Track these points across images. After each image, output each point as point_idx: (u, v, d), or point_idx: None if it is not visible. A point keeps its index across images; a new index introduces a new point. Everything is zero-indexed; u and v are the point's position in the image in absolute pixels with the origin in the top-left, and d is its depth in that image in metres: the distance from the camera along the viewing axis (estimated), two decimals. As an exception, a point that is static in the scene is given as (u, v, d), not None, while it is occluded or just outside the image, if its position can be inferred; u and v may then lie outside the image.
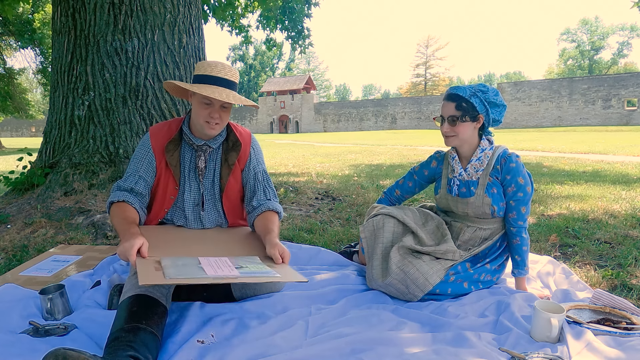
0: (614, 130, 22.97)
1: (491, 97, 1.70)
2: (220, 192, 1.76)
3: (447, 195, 1.86)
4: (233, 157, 1.74)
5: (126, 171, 1.70)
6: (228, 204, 1.78)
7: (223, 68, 1.59)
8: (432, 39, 60.01)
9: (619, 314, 1.51)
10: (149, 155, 1.69)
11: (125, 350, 1.17)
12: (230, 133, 1.77)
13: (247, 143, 1.79)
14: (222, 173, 1.74)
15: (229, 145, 1.75)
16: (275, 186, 4.41)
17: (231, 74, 1.60)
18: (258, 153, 1.84)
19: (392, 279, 1.71)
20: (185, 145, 1.72)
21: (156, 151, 1.69)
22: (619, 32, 53.08)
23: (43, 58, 19.95)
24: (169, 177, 1.70)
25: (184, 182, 1.72)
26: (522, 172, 1.74)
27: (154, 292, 1.37)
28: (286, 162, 9.00)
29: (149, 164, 1.68)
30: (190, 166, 1.73)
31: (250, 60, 65.84)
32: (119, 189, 1.65)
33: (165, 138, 1.70)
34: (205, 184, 1.74)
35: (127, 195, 1.63)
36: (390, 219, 1.87)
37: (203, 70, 1.59)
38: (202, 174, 1.73)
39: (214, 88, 1.54)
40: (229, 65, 1.62)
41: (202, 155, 1.72)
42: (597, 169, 6.07)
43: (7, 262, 2.36)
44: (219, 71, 1.57)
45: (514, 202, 1.75)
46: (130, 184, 1.65)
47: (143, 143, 1.71)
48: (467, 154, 1.81)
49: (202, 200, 1.74)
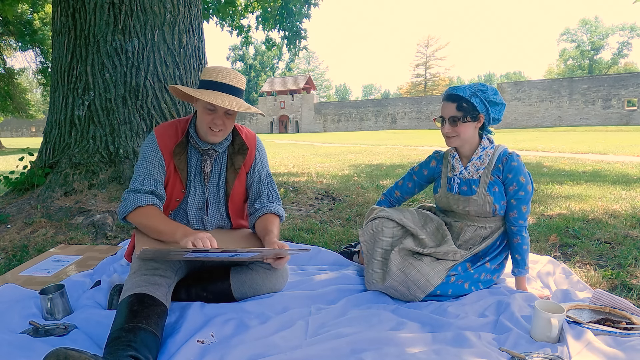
0: (614, 130, 22.97)
1: (491, 97, 1.70)
2: (225, 196, 1.75)
3: (447, 193, 1.86)
4: (239, 161, 1.73)
5: (137, 173, 1.63)
6: (233, 207, 1.78)
7: (229, 74, 1.57)
8: (432, 39, 60.06)
9: (619, 314, 1.51)
10: (159, 157, 1.65)
11: (126, 350, 1.17)
12: (236, 137, 1.75)
13: (252, 146, 1.78)
14: (227, 177, 1.73)
15: (234, 149, 1.74)
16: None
17: (237, 80, 1.58)
18: (263, 156, 1.83)
19: (393, 281, 1.71)
20: (191, 148, 1.71)
21: (165, 153, 1.66)
22: (619, 32, 53.09)
23: (43, 58, 19.94)
24: (177, 179, 1.68)
25: (189, 185, 1.71)
26: (523, 171, 1.74)
27: (155, 291, 1.37)
28: (286, 162, 9.00)
29: (160, 166, 1.65)
30: (196, 170, 1.71)
31: (250, 60, 65.87)
32: (139, 192, 1.59)
33: (173, 140, 1.67)
34: (210, 188, 1.73)
35: (155, 199, 1.59)
36: (390, 222, 1.87)
37: (209, 76, 1.57)
38: (208, 178, 1.72)
39: (218, 94, 1.52)
40: (235, 71, 1.60)
41: (208, 159, 1.71)
42: (597, 169, 6.07)
43: (7, 262, 2.36)
44: (224, 77, 1.56)
45: (515, 200, 1.75)
46: (150, 187, 1.60)
47: (150, 144, 1.66)
48: (467, 153, 1.81)
49: (206, 204, 1.74)
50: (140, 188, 1.59)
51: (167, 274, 1.46)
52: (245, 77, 1.67)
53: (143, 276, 1.41)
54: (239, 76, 1.60)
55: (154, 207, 1.58)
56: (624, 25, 52.53)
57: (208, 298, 1.67)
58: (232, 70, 1.59)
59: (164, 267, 1.47)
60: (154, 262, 1.47)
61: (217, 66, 1.60)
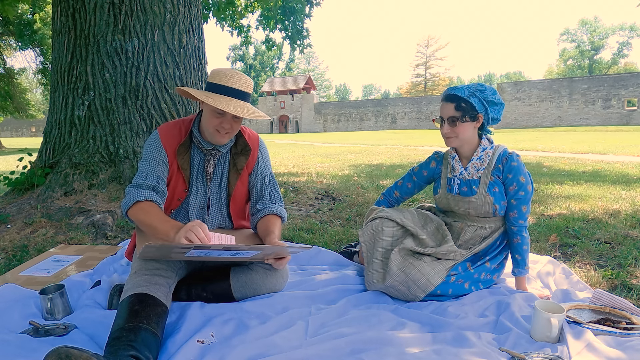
0: (614, 130, 22.97)
1: (489, 96, 1.70)
2: (227, 196, 1.75)
3: (447, 194, 1.86)
4: (242, 162, 1.73)
5: (141, 169, 1.63)
6: (235, 207, 1.78)
7: (239, 79, 1.56)
8: (432, 39, 60.04)
9: (619, 314, 1.51)
10: (162, 155, 1.65)
11: (127, 350, 1.17)
12: (239, 137, 1.74)
13: (255, 147, 1.78)
14: (230, 178, 1.73)
15: (237, 150, 1.74)
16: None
17: (246, 85, 1.57)
18: (266, 157, 1.83)
19: (394, 280, 1.71)
20: (194, 148, 1.71)
21: (168, 151, 1.66)
22: (619, 32, 53.07)
23: (43, 58, 19.94)
24: (179, 179, 1.68)
25: (191, 185, 1.71)
26: (523, 171, 1.74)
27: (155, 291, 1.38)
28: (286, 162, 9.00)
29: (164, 165, 1.65)
30: (199, 170, 1.71)
31: (250, 60, 65.87)
32: (140, 187, 1.57)
33: (177, 140, 1.67)
34: (213, 188, 1.73)
35: (154, 195, 1.58)
36: (390, 222, 1.87)
37: (219, 80, 1.55)
38: (210, 178, 1.72)
39: (228, 100, 1.51)
40: (244, 75, 1.60)
41: (211, 159, 1.71)
42: (597, 169, 6.07)
43: (7, 262, 2.36)
44: (234, 82, 1.54)
45: (515, 200, 1.75)
46: (152, 182, 1.59)
47: (153, 142, 1.66)
48: (467, 153, 1.81)
49: (207, 204, 1.74)
50: (143, 183, 1.58)
51: (167, 274, 1.46)
52: (252, 81, 1.66)
53: (144, 276, 1.41)
54: (248, 81, 1.59)
55: (152, 204, 1.56)
56: (623, 25, 52.54)
57: (208, 298, 1.67)
58: (242, 75, 1.58)
59: (165, 267, 1.47)
60: (155, 262, 1.47)
61: (227, 70, 1.58)
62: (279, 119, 47.59)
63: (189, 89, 1.58)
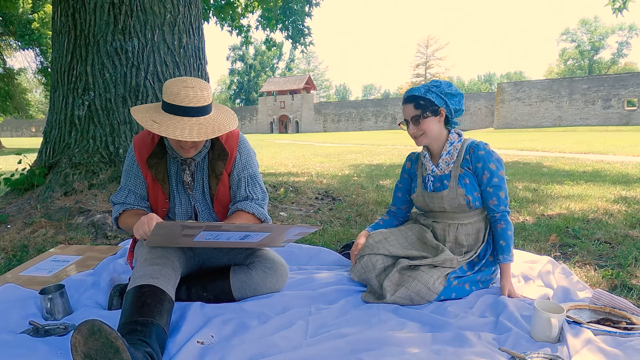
0: (614, 130, 22.97)
1: (445, 89, 1.72)
2: (211, 202, 1.71)
3: (423, 192, 1.87)
4: (220, 167, 1.66)
5: (121, 183, 1.71)
6: (222, 210, 1.74)
7: (187, 94, 1.40)
8: (432, 39, 59.89)
9: (619, 314, 1.51)
10: (135, 168, 1.66)
11: (142, 345, 1.19)
12: (215, 142, 1.66)
13: (233, 149, 1.69)
14: (210, 184, 1.67)
15: (215, 155, 1.66)
16: (275, 186, 4.41)
17: (197, 98, 1.41)
18: (245, 157, 1.72)
19: (396, 297, 1.67)
20: (170, 158, 1.67)
21: (141, 164, 1.64)
22: (619, 32, 53.08)
23: (43, 58, 19.95)
24: (158, 190, 1.66)
25: (173, 196, 1.68)
26: (493, 158, 1.74)
27: (166, 284, 1.39)
28: (286, 162, 9.00)
29: (137, 177, 1.66)
30: (177, 180, 1.67)
31: (250, 60, 65.84)
32: (114, 204, 1.70)
33: (147, 151, 1.63)
34: (196, 195, 1.69)
35: (124, 205, 1.67)
36: (378, 257, 1.82)
37: (166, 97, 1.42)
38: (190, 187, 1.68)
39: (176, 122, 1.39)
40: (197, 83, 1.43)
41: (186, 169, 1.66)
42: (597, 169, 6.07)
43: (7, 262, 2.36)
44: (182, 99, 1.39)
45: (491, 188, 1.74)
46: (120, 199, 1.68)
47: (129, 154, 1.69)
48: (438, 150, 1.83)
49: (194, 212, 1.71)
50: (115, 200, 1.69)
51: (175, 267, 1.49)
52: (209, 85, 1.49)
53: (155, 266, 1.42)
54: (200, 91, 1.42)
55: (127, 212, 1.67)
56: (623, 25, 52.56)
57: (208, 298, 1.67)
58: (195, 85, 1.42)
59: (173, 259, 1.49)
60: (162, 250, 1.48)
61: (176, 84, 1.42)
62: (279, 119, 47.59)
63: (135, 114, 1.47)
